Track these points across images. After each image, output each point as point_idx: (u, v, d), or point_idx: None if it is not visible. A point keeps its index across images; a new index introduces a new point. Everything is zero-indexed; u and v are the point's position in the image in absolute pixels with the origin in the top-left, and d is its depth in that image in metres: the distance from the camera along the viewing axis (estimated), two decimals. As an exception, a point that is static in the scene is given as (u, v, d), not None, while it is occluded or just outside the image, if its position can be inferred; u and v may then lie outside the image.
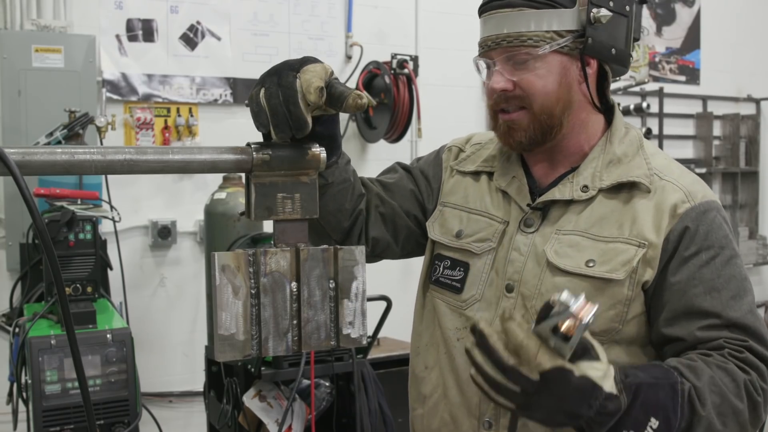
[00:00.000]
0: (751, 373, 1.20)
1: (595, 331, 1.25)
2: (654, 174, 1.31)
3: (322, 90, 1.03)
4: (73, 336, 0.95)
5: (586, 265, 1.28)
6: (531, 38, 1.28)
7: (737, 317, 1.25)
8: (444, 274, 1.44)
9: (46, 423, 2.25)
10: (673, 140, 5.90)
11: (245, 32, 4.10)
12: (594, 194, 1.32)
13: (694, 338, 1.25)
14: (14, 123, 3.32)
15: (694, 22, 6.04)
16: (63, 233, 2.48)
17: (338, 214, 1.39)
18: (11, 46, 3.33)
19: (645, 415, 1.11)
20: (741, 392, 1.18)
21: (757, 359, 1.22)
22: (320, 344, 1.14)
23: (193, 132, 3.95)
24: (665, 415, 1.12)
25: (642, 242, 1.26)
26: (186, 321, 3.99)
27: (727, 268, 1.28)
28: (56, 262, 0.92)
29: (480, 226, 1.41)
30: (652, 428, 1.11)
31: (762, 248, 6.26)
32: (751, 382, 1.20)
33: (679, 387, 1.15)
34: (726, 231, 1.30)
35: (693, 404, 1.15)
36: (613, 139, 1.36)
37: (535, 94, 1.30)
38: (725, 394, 1.17)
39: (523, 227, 1.37)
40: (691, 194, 1.29)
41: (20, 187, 0.87)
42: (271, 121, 1.03)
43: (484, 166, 1.48)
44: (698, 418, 1.14)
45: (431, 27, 4.61)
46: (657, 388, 1.14)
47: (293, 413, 2.68)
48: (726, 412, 1.17)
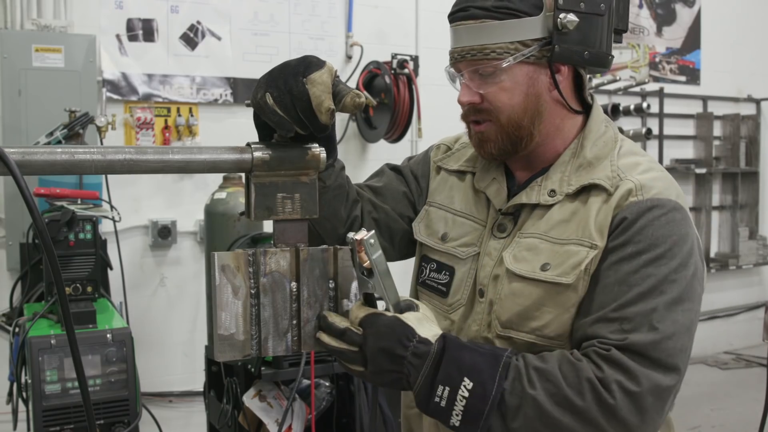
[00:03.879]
0: (605, 370, 1.12)
1: (551, 335, 1.23)
2: (617, 175, 1.26)
3: (333, 112, 1.07)
4: (73, 336, 0.95)
5: (541, 269, 1.25)
6: (494, 50, 1.25)
7: (632, 313, 1.15)
8: (431, 276, 1.44)
9: (46, 423, 2.25)
10: (673, 140, 5.90)
11: (245, 32, 4.11)
12: (560, 199, 1.29)
13: (582, 333, 1.20)
14: (14, 123, 3.32)
15: (694, 23, 6.04)
16: (63, 233, 2.48)
17: (333, 220, 1.39)
18: (11, 45, 3.33)
19: (458, 373, 1.12)
20: (582, 388, 1.12)
21: (628, 358, 1.13)
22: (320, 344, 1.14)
23: (193, 132, 3.95)
24: (481, 379, 1.12)
25: (594, 243, 1.21)
26: (186, 321, 3.99)
27: (650, 267, 1.17)
28: (56, 262, 0.92)
29: (465, 230, 1.40)
30: (466, 388, 1.12)
31: (762, 248, 6.26)
32: (600, 379, 1.12)
33: (503, 359, 1.14)
34: (671, 231, 1.19)
35: (521, 381, 1.13)
36: (585, 142, 1.32)
37: (500, 107, 1.28)
38: (560, 385, 1.12)
39: (495, 232, 1.35)
40: (643, 188, 1.22)
41: (20, 187, 0.87)
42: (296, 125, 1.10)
43: (466, 165, 1.46)
44: (525, 395, 1.12)
45: (431, 27, 4.61)
46: (477, 353, 1.15)
47: (293, 413, 2.68)
48: (561, 402, 1.12)
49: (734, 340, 6.24)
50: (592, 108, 1.36)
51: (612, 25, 1.32)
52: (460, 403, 1.12)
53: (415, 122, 4.38)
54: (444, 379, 1.12)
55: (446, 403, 1.13)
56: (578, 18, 1.24)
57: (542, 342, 1.24)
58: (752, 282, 6.48)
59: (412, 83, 4.28)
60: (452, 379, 1.12)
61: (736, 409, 4.86)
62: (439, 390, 1.13)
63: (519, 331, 1.26)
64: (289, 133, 1.10)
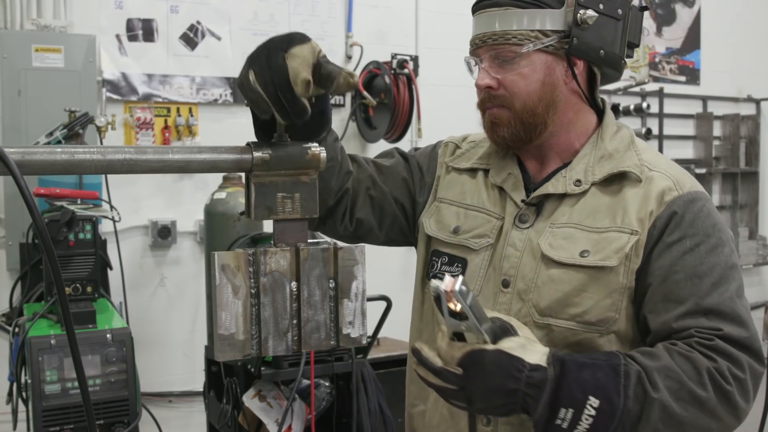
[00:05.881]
0: (718, 360, 1.18)
1: (592, 321, 1.26)
2: (644, 165, 1.33)
3: (309, 84, 1.02)
4: (73, 336, 0.95)
5: (580, 255, 1.28)
6: (516, 36, 1.29)
7: (714, 303, 1.22)
8: (442, 270, 1.44)
9: (46, 423, 2.25)
10: (673, 140, 5.90)
11: (245, 32, 4.10)
12: (587, 188, 1.33)
13: (669, 328, 1.24)
14: (14, 123, 3.32)
15: (694, 23, 6.04)
16: (63, 233, 2.48)
17: (323, 192, 1.38)
18: (11, 45, 3.33)
19: (582, 393, 1.12)
20: (703, 379, 1.16)
21: (730, 346, 1.19)
22: (320, 344, 1.14)
23: (193, 132, 3.95)
24: (606, 394, 1.12)
25: (634, 230, 1.27)
26: (186, 321, 3.99)
27: (711, 256, 1.25)
28: (56, 262, 0.92)
29: (478, 222, 1.42)
30: (592, 407, 1.12)
31: (762, 248, 6.26)
32: (717, 369, 1.17)
33: (622, 369, 1.15)
34: (714, 220, 1.28)
35: (643, 386, 1.14)
36: (604, 135, 1.38)
37: (517, 92, 1.32)
38: (683, 380, 1.15)
39: (518, 223, 1.37)
40: (679, 183, 1.31)
41: (20, 187, 0.87)
42: (273, 107, 1.03)
43: (479, 163, 1.48)
44: (650, 400, 1.13)
45: (431, 27, 4.61)
46: (594, 368, 1.14)
47: (293, 413, 2.67)
48: (685, 398, 1.15)
49: (734, 340, 6.23)
50: (605, 110, 1.42)
51: (627, 34, 1.36)
52: (585, 422, 1.13)
53: (414, 122, 4.38)
54: (568, 402, 1.12)
55: (569, 424, 1.13)
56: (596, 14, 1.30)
57: (582, 329, 1.27)
58: (752, 282, 6.48)
59: (412, 83, 4.29)
60: (576, 401, 1.12)
61: (736, 409, 4.85)
62: (562, 413, 1.13)
63: (558, 318, 1.28)
64: (264, 114, 1.04)
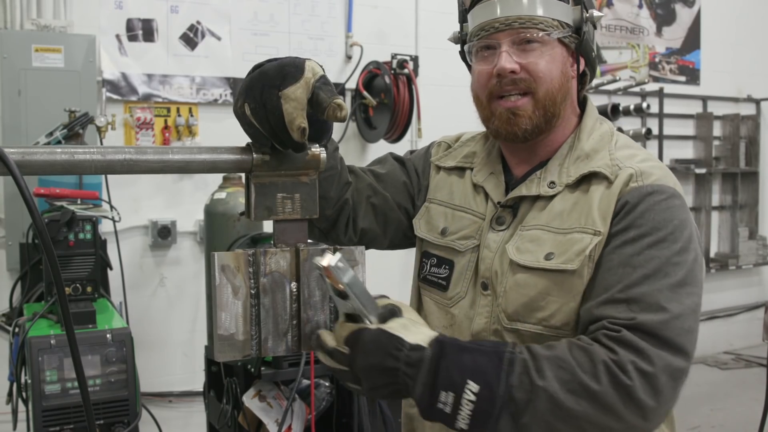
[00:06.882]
0: (618, 352, 1.10)
1: (558, 325, 1.23)
2: (615, 164, 1.28)
3: (305, 131, 1.05)
4: (72, 336, 0.95)
5: (545, 258, 1.24)
6: (542, 22, 1.29)
7: (640, 294, 1.15)
8: (431, 271, 1.44)
9: (46, 423, 2.25)
10: (673, 140, 5.90)
11: (245, 32, 4.10)
12: (560, 190, 1.30)
13: (590, 314, 1.19)
14: (14, 123, 3.31)
15: (694, 23, 6.04)
16: (63, 233, 2.48)
17: (322, 201, 1.37)
18: (11, 45, 3.33)
19: (460, 377, 1.09)
20: (597, 371, 1.09)
21: (639, 338, 1.11)
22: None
23: (193, 132, 3.95)
24: (486, 379, 1.09)
25: (597, 230, 1.22)
26: (186, 321, 3.99)
27: (653, 249, 1.17)
28: (56, 262, 0.92)
29: (464, 223, 1.41)
30: (471, 391, 1.08)
31: (762, 248, 6.26)
32: (615, 361, 1.10)
33: (506, 356, 1.11)
34: (671, 216, 1.20)
35: (529, 375, 1.09)
36: (581, 135, 1.35)
37: (542, 77, 1.29)
38: (575, 371, 1.09)
39: (494, 225, 1.36)
40: (642, 175, 1.24)
41: (20, 187, 0.87)
42: (272, 140, 1.08)
43: (464, 162, 1.47)
44: (535, 388, 1.09)
45: (431, 27, 4.61)
46: (477, 352, 1.11)
47: (293, 413, 2.67)
48: (576, 390, 1.09)
49: (734, 341, 6.23)
50: (586, 105, 1.40)
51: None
52: (466, 407, 1.09)
53: (414, 122, 4.38)
54: (446, 385, 1.09)
55: (451, 408, 1.09)
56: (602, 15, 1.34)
57: (549, 332, 1.24)
58: (752, 282, 6.48)
59: (412, 83, 4.28)
60: (455, 384, 1.09)
61: (735, 409, 4.86)
62: (443, 396, 1.09)
63: (525, 322, 1.26)
64: (263, 147, 1.09)
